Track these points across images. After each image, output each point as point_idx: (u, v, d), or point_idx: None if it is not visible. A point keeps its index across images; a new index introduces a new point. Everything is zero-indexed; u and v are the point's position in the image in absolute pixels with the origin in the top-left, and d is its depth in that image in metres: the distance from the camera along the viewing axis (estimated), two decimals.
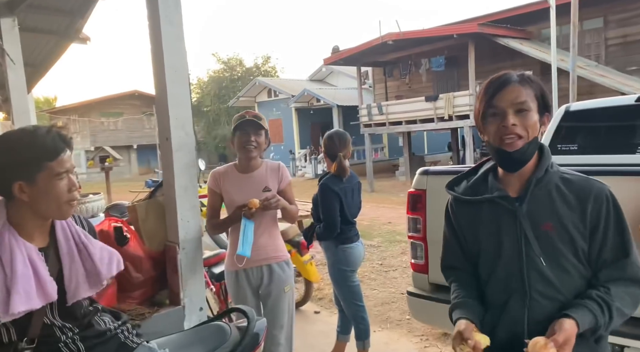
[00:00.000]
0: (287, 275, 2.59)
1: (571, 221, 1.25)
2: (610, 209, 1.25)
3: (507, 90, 1.25)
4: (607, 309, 1.21)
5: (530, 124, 1.25)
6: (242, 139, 2.47)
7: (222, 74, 30.86)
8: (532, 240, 1.26)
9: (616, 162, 3.34)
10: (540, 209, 1.28)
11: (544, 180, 1.28)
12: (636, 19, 12.75)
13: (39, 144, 1.36)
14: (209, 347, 1.74)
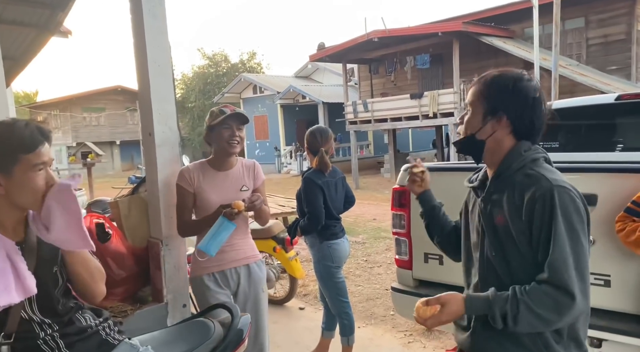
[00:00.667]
0: (263, 274, 2.53)
1: (512, 217, 1.30)
2: (545, 209, 1.23)
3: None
4: (515, 301, 1.22)
5: (467, 122, 1.41)
6: (225, 133, 2.30)
7: (207, 69, 30.59)
8: (487, 232, 1.37)
9: (597, 159, 3.40)
10: (496, 203, 1.36)
11: (503, 176, 1.36)
12: (616, 19, 12.98)
13: (17, 136, 1.34)
14: (193, 344, 1.73)
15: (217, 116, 2.31)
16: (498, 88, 1.34)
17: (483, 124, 1.36)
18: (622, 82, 12.02)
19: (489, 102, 1.35)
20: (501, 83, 1.34)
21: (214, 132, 2.33)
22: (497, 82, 1.35)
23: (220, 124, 2.30)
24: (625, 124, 4.13)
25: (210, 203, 2.32)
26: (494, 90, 1.34)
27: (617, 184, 2.07)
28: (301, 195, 3.11)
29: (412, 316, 3.15)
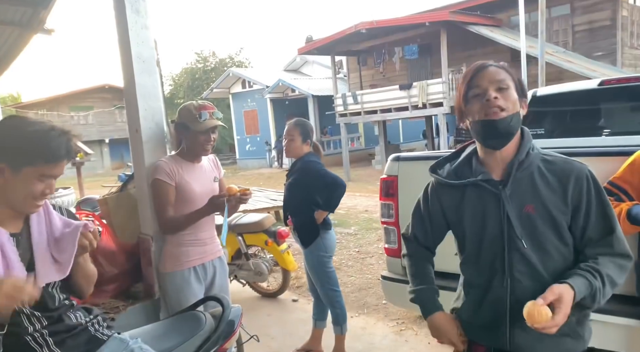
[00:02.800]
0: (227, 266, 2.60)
1: (553, 203, 1.28)
2: (591, 188, 1.28)
3: (487, 71, 1.30)
4: (599, 275, 1.23)
5: (511, 100, 1.28)
6: (202, 138, 2.30)
7: (195, 65, 30.38)
8: (514, 222, 1.29)
9: (583, 145, 3.44)
10: (523, 191, 1.30)
11: (525, 163, 1.30)
12: (601, 6, 13.06)
13: (45, 142, 1.37)
14: (184, 336, 1.76)
15: (196, 120, 2.27)
16: (517, 75, 1.35)
17: (520, 103, 1.31)
18: (608, 68, 12.12)
19: (517, 85, 1.32)
20: (511, 70, 1.35)
21: (190, 133, 2.31)
22: (511, 70, 1.35)
23: (197, 129, 2.27)
24: (610, 109, 4.19)
25: (195, 195, 2.32)
26: (518, 77, 1.34)
27: (599, 167, 2.11)
28: (310, 180, 3.04)
29: (402, 303, 3.18)
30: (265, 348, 3.48)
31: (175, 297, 2.34)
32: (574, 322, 1.32)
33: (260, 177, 18.03)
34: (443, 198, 1.44)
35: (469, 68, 1.35)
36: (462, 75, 1.38)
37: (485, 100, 1.27)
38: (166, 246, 2.38)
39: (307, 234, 3.09)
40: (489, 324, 1.36)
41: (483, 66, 1.32)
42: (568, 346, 1.33)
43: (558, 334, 1.29)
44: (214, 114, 2.33)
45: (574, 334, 1.32)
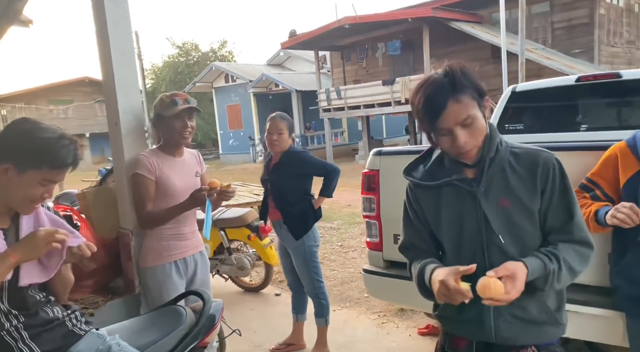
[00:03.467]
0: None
1: (525, 193, 1.31)
2: (556, 174, 1.31)
3: (448, 113, 1.24)
4: (555, 258, 1.26)
5: (478, 131, 1.28)
6: (177, 125, 2.27)
7: (177, 58, 30.02)
8: (490, 218, 1.31)
9: (561, 140, 3.50)
10: (497, 187, 1.32)
11: (496, 158, 1.32)
12: (579, 4, 13.29)
13: (55, 149, 1.41)
14: (164, 331, 1.75)
15: (169, 107, 2.26)
16: (471, 75, 1.29)
17: (484, 119, 1.30)
18: (585, 65, 12.36)
19: (477, 98, 1.28)
20: (467, 71, 1.30)
21: (165, 122, 2.29)
22: (465, 72, 1.28)
23: (172, 116, 2.26)
24: (587, 105, 4.27)
25: (175, 189, 2.31)
26: (473, 80, 1.28)
27: (576, 162, 2.15)
28: (308, 172, 3.14)
29: (383, 296, 3.20)
30: (248, 342, 3.48)
31: (156, 292, 2.33)
32: (552, 310, 1.36)
33: (243, 172, 17.94)
34: (421, 199, 1.45)
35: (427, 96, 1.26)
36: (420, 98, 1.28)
37: (455, 145, 1.27)
38: (147, 240, 2.36)
39: (303, 225, 3.11)
40: (473, 319, 1.37)
41: (443, 103, 1.23)
42: (549, 333, 1.36)
43: (540, 323, 1.34)
44: (187, 100, 2.31)
45: (554, 321, 1.36)
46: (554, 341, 1.39)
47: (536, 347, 1.36)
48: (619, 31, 14.73)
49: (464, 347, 1.42)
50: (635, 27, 15.97)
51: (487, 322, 1.34)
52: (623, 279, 1.82)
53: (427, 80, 1.28)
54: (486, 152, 1.32)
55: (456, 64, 1.29)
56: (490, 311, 1.34)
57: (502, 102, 4.24)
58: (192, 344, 1.77)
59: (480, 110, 1.28)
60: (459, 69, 1.27)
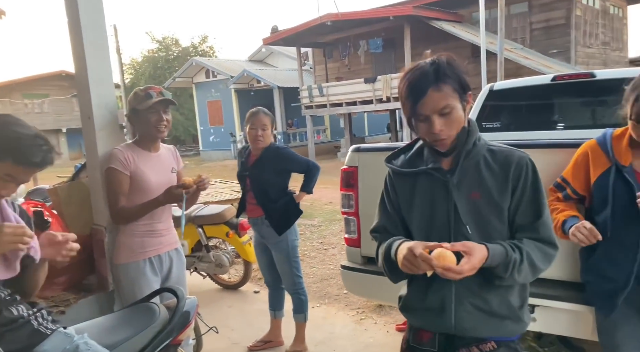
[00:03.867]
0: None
1: (496, 188, 1.34)
2: (528, 174, 1.34)
3: (427, 99, 1.28)
4: (518, 250, 1.30)
5: (455, 122, 1.31)
6: (153, 118, 2.23)
7: (157, 53, 29.60)
8: (460, 209, 1.35)
9: (538, 138, 3.54)
10: (469, 179, 1.36)
11: (472, 152, 1.36)
12: (557, 5, 13.54)
13: (24, 144, 1.37)
14: (136, 328, 1.72)
15: (143, 100, 2.23)
16: (456, 68, 1.32)
17: (464, 112, 1.34)
18: (562, 65, 12.60)
19: (459, 91, 1.31)
20: (454, 64, 1.33)
21: (140, 116, 2.26)
22: (451, 63, 1.32)
23: (146, 109, 2.22)
24: (563, 104, 4.34)
25: (150, 185, 2.27)
26: (458, 75, 1.31)
27: (551, 160, 2.19)
28: (290, 168, 3.15)
29: (361, 292, 3.20)
30: (225, 339, 3.46)
31: (130, 289, 2.29)
32: (515, 307, 1.38)
33: (224, 169, 17.80)
34: (397, 186, 1.49)
35: (411, 81, 1.31)
36: (403, 84, 1.34)
37: (430, 132, 1.32)
38: (120, 236, 2.32)
39: (286, 221, 3.10)
40: (435, 308, 1.40)
41: (423, 90, 1.28)
42: (509, 327, 1.39)
43: (500, 316, 1.36)
44: (161, 92, 2.28)
45: (515, 317, 1.38)
46: (514, 338, 1.41)
47: (496, 342, 1.38)
48: (595, 32, 15.05)
49: (427, 341, 1.45)
50: (610, 28, 16.36)
51: (448, 311, 1.37)
52: (593, 275, 1.86)
53: (414, 67, 1.34)
54: (461, 144, 1.36)
55: (445, 55, 1.34)
56: (452, 300, 1.37)
57: (479, 100, 4.28)
58: (166, 342, 1.74)
59: (460, 103, 1.32)
60: (445, 59, 1.32)
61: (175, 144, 3.51)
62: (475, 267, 1.22)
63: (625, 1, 17.48)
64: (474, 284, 1.35)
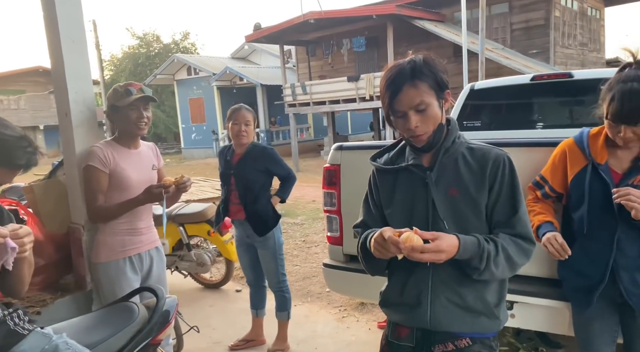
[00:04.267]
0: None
1: (473, 185, 1.36)
2: (506, 171, 1.36)
3: (403, 95, 1.32)
4: (493, 242, 1.32)
5: (431, 119, 1.34)
6: (133, 115, 2.21)
7: (137, 49, 29.17)
8: (438, 205, 1.37)
9: (518, 137, 3.59)
10: (448, 176, 1.39)
11: (451, 149, 1.39)
12: (537, 6, 13.76)
13: (9, 145, 1.37)
14: (115, 328, 1.69)
15: (123, 96, 2.20)
16: (433, 66, 1.34)
17: (441, 109, 1.37)
18: (542, 65, 12.81)
19: (435, 89, 1.34)
20: (431, 62, 1.36)
21: (120, 113, 2.22)
22: (428, 62, 1.35)
23: (126, 106, 2.19)
24: (542, 103, 4.41)
25: (131, 182, 2.24)
26: (435, 73, 1.34)
27: (531, 158, 2.22)
28: (272, 169, 3.10)
29: (343, 290, 3.21)
30: (207, 339, 3.43)
31: (110, 289, 2.26)
32: (491, 303, 1.40)
33: (206, 167, 17.66)
34: (379, 183, 1.52)
35: (389, 78, 1.35)
36: (382, 81, 1.38)
37: (407, 127, 1.35)
38: (100, 235, 2.28)
39: (270, 220, 3.08)
40: (411, 303, 1.42)
41: (398, 87, 1.32)
42: (484, 324, 1.40)
43: (476, 312, 1.38)
44: (141, 89, 2.24)
45: (491, 314, 1.40)
46: (490, 335, 1.43)
47: (471, 339, 1.40)
48: (573, 33, 15.34)
49: (406, 337, 1.47)
50: (588, 30, 16.69)
51: (424, 305, 1.39)
52: (569, 271, 1.89)
53: (393, 65, 1.38)
54: (438, 141, 1.38)
55: (423, 54, 1.37)
56: (429, 294, 1.39)
57: (460, 99, 4.32)
58: (145, 341, 1.72)
59: (437, 100, 1.35)
60: (422, 58, 1.35)
61: (156, 141, 3.49)
62: (440, 248, 1.23)
63: (603, 3, 17.86)
64: (450, 279, 1.37)
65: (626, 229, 1.70)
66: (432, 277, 1.39)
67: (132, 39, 29.99)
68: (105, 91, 22.87)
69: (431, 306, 1.39)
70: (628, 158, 1.74)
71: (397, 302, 1.47)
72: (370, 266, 1.50)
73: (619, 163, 1.76)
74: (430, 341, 1.42)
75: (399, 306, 1.46)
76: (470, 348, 1.40)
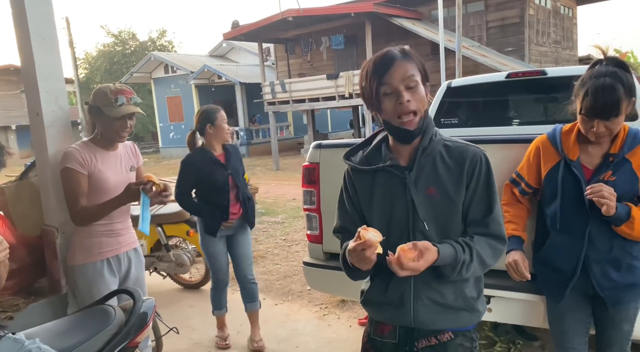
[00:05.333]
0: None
1: (451, 184, 1.36)
2: (482, 169, 1.37)
3: (396, 67, 1.30)
4: (468, 249, 1.33)
5: (421, 98, 1.32)
6: (117, 124, 2.17)
7: (113, 48, 28.63)
8: (417, 205, 1.36)
9: (495, 133, 3.64)
10: (426, 175, 1.37)
11: (428, 148, 1.38)
12: (512, 4, 13.98)
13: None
14: (90, 331, 1.66)
15: (112, 106, 2.13)
16: (420, 59, 1.36)
17: (425, 91, 1.35)
18: (517, 63, 13.02)
19: (422, 73, 1.34)
20: (417, 54, 1.36)
21: (104, 118, 2.17)
22: (414, 54, 1.36)
23: (113, 115, 2.14)
24: (517, 100, 4.49)
25: (109, 184, 2.21)
26: (421, 61, 1.35)
27: (506, 154, 2.25)
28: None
29: (323, 288, 3.20)
30: (187, 340, 3.40)
31: (87, 291, 2.22)
32: (470, 298, 1.42)
33: None
34: (356, 183, 1.49)
35: (377, 58, 1.33)
36: (368, 65, 1.35)
37: (398, 103, 1.30)
38: (76, 237, 2.24)
39: (254, 213, 3.24)
40: (394, 303, 1.43)
41: (391, 60, 1.31)
42: (465, 318, 1.42)
43: (456, 308, 1.39)
44: (131, 99, 2.19)
45: (471, 308, 1.42)
46: (470, 327, 1.45)
47: (453, 332, 1.42)
48: (547, 31, 15.64)
49: (388, 333, 1.48)
50: (561, 28, 17.04)
51: (407, 305, 1.40)
52: (543, 265, 1.93)
53: (381, 51, 1.36)
54: (425, 127, 1.37)
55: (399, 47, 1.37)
56: (411, 294, 1.39)
57: (438, 96, 4.37)
58: (122, 345, 1.69)
59: (423, 84, 1.35)
60: (408, 48, 1.37)
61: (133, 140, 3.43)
62: (419, 268, 1.24)
63: (575, 2, 18.26)
64: (431, 279, 1.38)
65: (597, 223, 1.74)
66: (414, 278, 1.39)
67: (107, 37, 29.40)
68: (80, 90, 22.40)
69: (414, 306, 1.40)
70: (598, 154, 1.78)
71: (380, 301, 1.47)
72: (353, 274, 1.46)
73: (590, 159, 1.79)
74: (413, 337, 1.44)
75: (382, 305, 1.46)
76: (452, 341, 1.42)
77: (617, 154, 1.73)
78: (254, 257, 5.29)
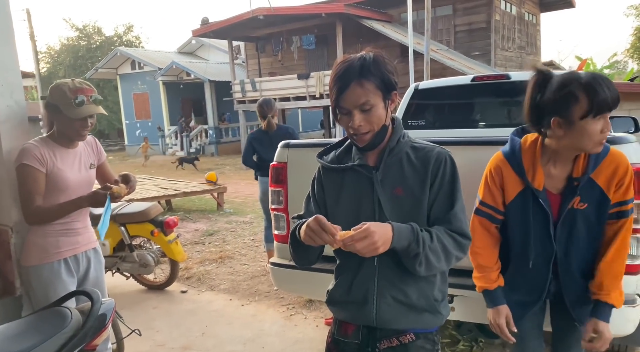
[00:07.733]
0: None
1: (417, 183, 1.38)
2: (447, 168, 1.39)
3: (349, 93, 1.32)
4: (427, 231, 1.33)
5: (375, 119, 1.34)
6: (77, 124, 2.07)
7: (77, 42, 27.77)
8: (384, 204, 1.38)
9: (460, 136, 3.70)
10: (393, 175, 1.40)
11: (395, 149, 1.41)
12: (478, 9, 14.32)
13: None
14: (45, 334, 1.59)
15: (70, 105, 2.04)
16: (382, 66, 1.33)
17: (386, 110, 1.36)
18: (483, 67, 13.35)
19: (382, 89, 1.33)
20: (380, 61, 1.34)
21: (62, 116, 2.07)
22: (378, 61, 1.33)
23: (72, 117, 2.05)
24: (482, 103, 4.59)
25: (68, 183, 2.12)
26: (382, 73, 1.33)
27: (472, 156, 2.29)
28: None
29: (290, 289, 3.18)
30: (150, 342, 3.32)
31: (43, 293, 2.13)
32: (434, 300, 1.43)
33: (152, 165, 17.09)
34: (325, 182, 1.51)
35: (337, 72, 1.34)
36: (331, 75, 1.37)
37: (349, 126, 1.35)
38: (31, 236, 2.14)
39: None
40: (358, 301, 1.43)
41: (345, 84, 1.31)
42: (427, 320, 1.44)
43: (419, 309, 1.41)
44: (92, 97, 2.10)
45: (434, 310, 1.44)
46: (432, 329, 1.47)
47: (414, 334, 1.43)
48: (512, 37, 16.10)
49: (352, 333, 1.48)
50: (526, 34, 17.57)
51: (370, 303, 1.41)
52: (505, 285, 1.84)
53: (344, 60, 1.36)
54: (380, 141, 1.39)
55: (375, 52, 1.36)
56: (375, 292, 1.40)
57: (405, 98, 4.42)
58: (78, 348, 1.63)
59: (383, 101, 1.35)
60: (372, 56, 1.34)
61: (98, 138, 3.28)
62: (369, 230, 1.22)
63: (539, 9, 18.86)
64: (395, 278, 1.39)
65: (562, 254, 1.68)
66: (378, 277, 1.41)
67: (70, 30, 28.47)
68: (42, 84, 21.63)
69: (377, 304, 1.40)
70: (561, 176, 1.65)
71: (344, 300, 1.47)
72: (298, 254, 1.48)
73: (554, 183, 1.66)
74: (376, 338, 1.44)
75: (346, 304, 1.47)
76: (414, 343, 1.43)
77: (582, 177, 1.60)
78: (220, 258, 5.29)
